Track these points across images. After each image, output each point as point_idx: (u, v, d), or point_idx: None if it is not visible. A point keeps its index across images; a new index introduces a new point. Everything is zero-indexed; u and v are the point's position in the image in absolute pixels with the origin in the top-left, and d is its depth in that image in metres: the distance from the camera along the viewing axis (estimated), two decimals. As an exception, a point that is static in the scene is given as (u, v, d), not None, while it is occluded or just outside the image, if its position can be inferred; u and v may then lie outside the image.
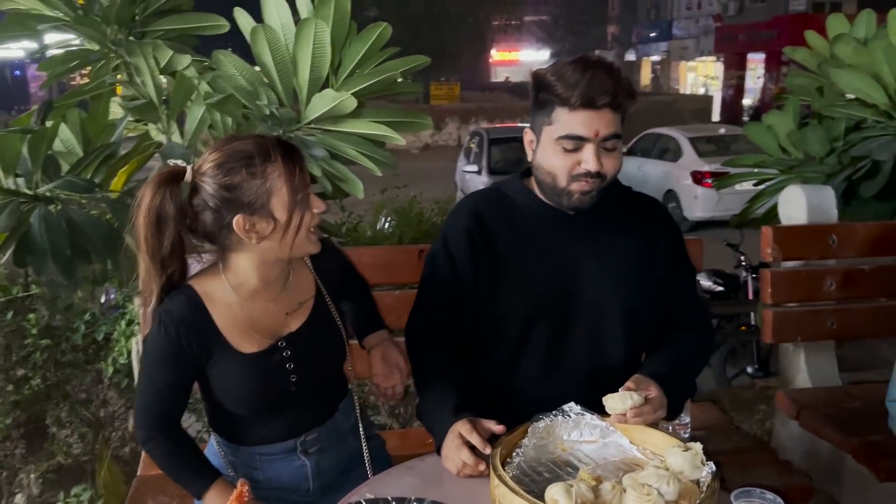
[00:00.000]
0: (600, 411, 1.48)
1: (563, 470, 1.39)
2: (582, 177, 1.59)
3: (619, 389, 1.47)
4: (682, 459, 1.31)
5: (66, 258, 1.97)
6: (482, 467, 1.42)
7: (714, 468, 1.29)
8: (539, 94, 1.60)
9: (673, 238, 1.77)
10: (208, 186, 1.41)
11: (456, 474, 1.46)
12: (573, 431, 1.49)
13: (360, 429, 1.70)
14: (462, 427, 1.47)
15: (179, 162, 1.46)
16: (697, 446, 1.34)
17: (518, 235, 1.68)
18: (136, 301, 2.37)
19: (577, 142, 1.56)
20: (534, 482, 1.34)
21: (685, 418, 2.05)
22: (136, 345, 2.27)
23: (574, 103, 1.53)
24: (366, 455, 1.68)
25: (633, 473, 1.28)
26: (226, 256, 1.50)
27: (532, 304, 1.66)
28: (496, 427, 1.46)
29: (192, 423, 2.48)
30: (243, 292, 1.51)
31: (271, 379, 1.53)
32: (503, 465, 1.33)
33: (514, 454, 1.40)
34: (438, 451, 1.53)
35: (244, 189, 1.40)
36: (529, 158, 1.69)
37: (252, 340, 1.52)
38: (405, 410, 2.94)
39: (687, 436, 2.04)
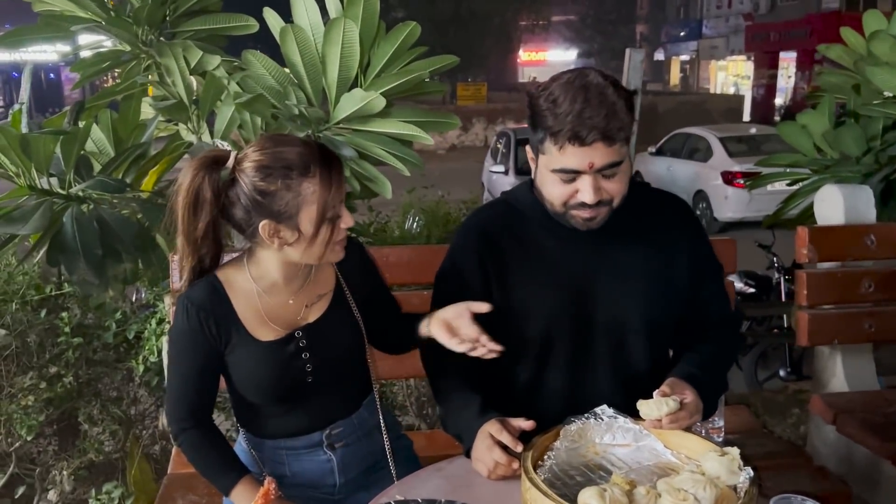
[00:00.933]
0: (632, 416, 1.45)
1: (595, 474, 1.37)
2: (580, 207, 1.52)
3: (654, 394, 1.43)
4: (719, 464, 1.28)
5: (96, 257, 1.99)
6: (515, 465, 1.40)
7: (752, 473, 1.26)
8: (533, 118, 1.53)
9: (696, 237, 1.70)
10: (244, 184, 1.44)
11: (487, 476, 1.44)
12: (606, 435, 1.46)
13: (383, 426, 1.69)
14: (491, 427, 1.45)
15: (224, 144, 1.50)
16: (734, 451, 1.31)
17: (528, 253, 1.63)
18: (167, 300, 2.39)
19: (572, 174, 1.49)
20: (566, 486, 1.31)
21: (718, 422, 2.01)
22: (166, 344, 2.29)
23: (561, 140, 1.45)
24: (388, 453, 1.68)
25: (667, 478, 1.26)
26: (252, 248, 1.54)
27: (547, 324, 1.61)
28: (525, 424, 1.44)
29: (220, 421, 2.49)
30: (264, 284, 1.55)
31: (286, 367, 1.55)
32: (535, 468, 1.31)
33: (545, 457, 1.38)
34: (468, 454, 1.51)
35: (276, 197, 1.43)
36: (533, 175, 1.63)
37: (269, 329, 1.54)
38: (433, 410, 2.93)
39: (720, 440, 2.01)
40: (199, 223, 1.46)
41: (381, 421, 1.70)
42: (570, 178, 1.50)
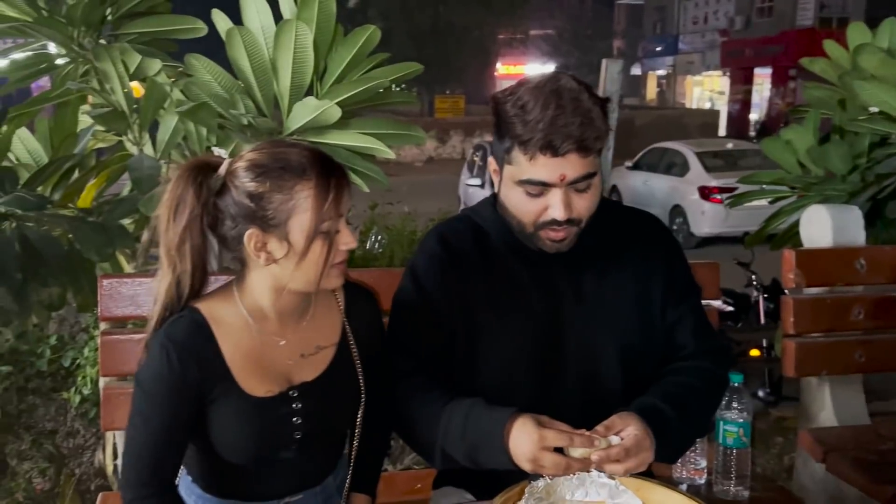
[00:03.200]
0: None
1: (565, 539, 1.19)
2: (549, 225, 1.37)
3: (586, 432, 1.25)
4: (706, 532, 1.11)
5: (15, 282, 1.79)
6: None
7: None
8: (498, 125, 1.37)
9: (670, 256, 1.54)
10: (235, 189, 1.26)
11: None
12: (577, 490, 1.29)
13: (347, 482, 1.50)
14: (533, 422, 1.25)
15: (222, 153, 1.31)
16: (723, 516, 1.14)
17: (492, 274, 1.46)
18: (102, 327, 2.18)
19: (541, 187, 1.34)
20: (531, 557, 1.14)
21: (701, 462, 1.85)
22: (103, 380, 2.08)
23: (532, 150, 1.30)
24: None
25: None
26: (242, 273, 1.34)
27: (511, 354, 1.44)
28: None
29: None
30: (257, 318, 1.34)
31: (274, 430, 1.34)
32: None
33: (508, 519, 1.21)
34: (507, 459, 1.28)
35: (265, 200, 1.24)
36: (496, 189, 1.47)
37: (260, 381, 1.33)
38: (395, 443, 2.74)
39: (703, 481, 1.85)
40: (178, 229, 1.27)
41: (348, 481, 1.50)
42: (538, 192, 1.35)
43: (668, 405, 1.36)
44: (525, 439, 1.23)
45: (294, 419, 1.35)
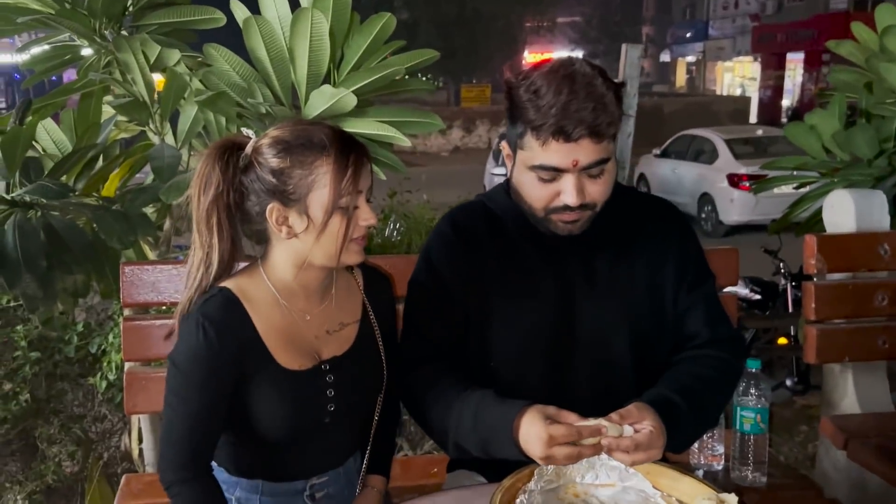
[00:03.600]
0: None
1: (573, 521, 1.20)
2: (562, 210, 1.37)
3: (600, 421, 1.23)
4: (714, 515, 1.11)
5: (41, 269, 1.83)
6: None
7: (751, 526, 1.09)
8: (511, 110, 1.38)
9: (684, 242, 1.53)
10: (259, 165, 1.31)
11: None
12: (587, 473, 1.30)
13: (364, 468, 1.52)
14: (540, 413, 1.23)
15: (249, 132, 1.36)
16: (732, 498, 1.14)
17: (505, 259, 1.47)
18: (126, 313, 2.22)
19: (553, 172, 1.34)
20: (538, 538, 1.15)
21: (718, 448, 1.85)
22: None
23: (544, 135, 1.30)
24: (357, 490, 1.51)
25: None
26: (267, 250, 1.38)
27: (522, 340, 1.44)
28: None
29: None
30: (284, 293, 1.37)
31: (310, 404, 1.37)
32: (503, 515, 1.15)
33: (517, 501, 1.21)
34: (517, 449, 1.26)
35: (287, 176, 1.29)
36: (508, 174, 1.47)
37: (292, 354, 1.36)
38: (416, 429, 2.76)
39: (721, 467, 1.84)
40: (205, 205, 1.32)
41: (365, 463, 1.52)
42: (550, 177, 1.35)
43: (682, 398, 1.35)
44: (534, 438, 1.21)
45: (328, 391, 1.38)
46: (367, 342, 1.45)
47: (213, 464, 1.44)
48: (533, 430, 1.21)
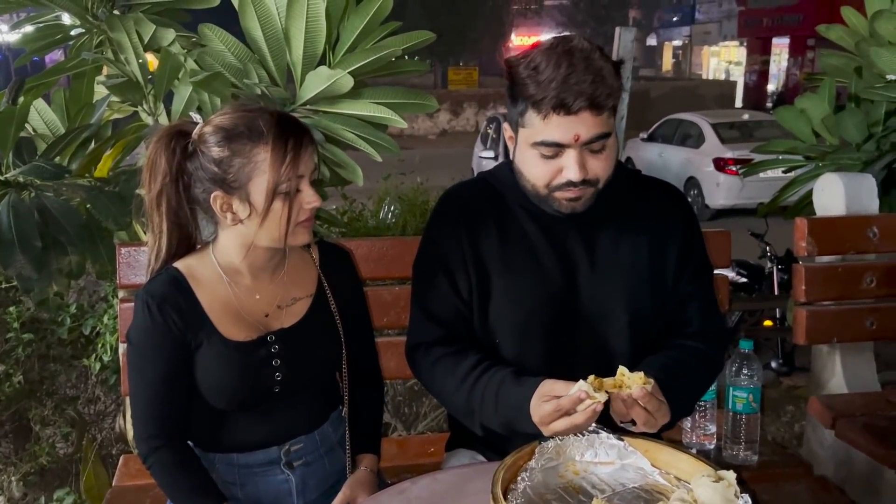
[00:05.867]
0: (614, 428, 1.31)
1: (574, 498, 1.22)
2: (565, 187, 1.38)
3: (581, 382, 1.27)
4: (713, 491, 1.13)
5: (35, 250, 1.82)
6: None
7: (750, 501, 1.11)
8: (511, 88, 1.39)
9: (688, 230, 1.55)
10: (203, 153, 1.34)
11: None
12: (587, 451, 1.31)
13: (347, 442, 1.54)
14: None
15: (196, 117, 1.38)
16: (731, 475, 1.16)
17: (508, 237, 1.48)
18: (120, 294, 2.22)
19: (555, 148, 1.35)
20: (541, 515, 1.16)
21: (710, 427, 1.88)
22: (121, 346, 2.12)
23: (545, 109, 1.32)
24: (349, 473, 1.52)
25: (654, 507, 1.11)
26: (217, 233, 1.42)
27: (524, 317, 1.46)
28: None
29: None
30: (228, 272, 1.42)
31: (254, 372, 1.41)
32: (506, 493, 1.16)
33: (518, 479, 1.23)
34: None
35: (227, 164, 1.32)
36: (511, 156, 1.48)
37: (238, 327, 1.41)
38: (410, 410, 2.78)
39: (712, 447, 1.87)
40: (154, 192, 1.37)
41: (347, 436, 1.55)
42: (553, 153, 1.36)
43: (671, 380, 1.37)
44: (536, 419, 1.29)
45: (274, 362, 1.43)
46: (321, 314, 1.50)
47: (190, 443, 1.49)
48: (534, 413, 1.29)
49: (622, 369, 1.28)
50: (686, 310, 1.53)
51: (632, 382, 1.26)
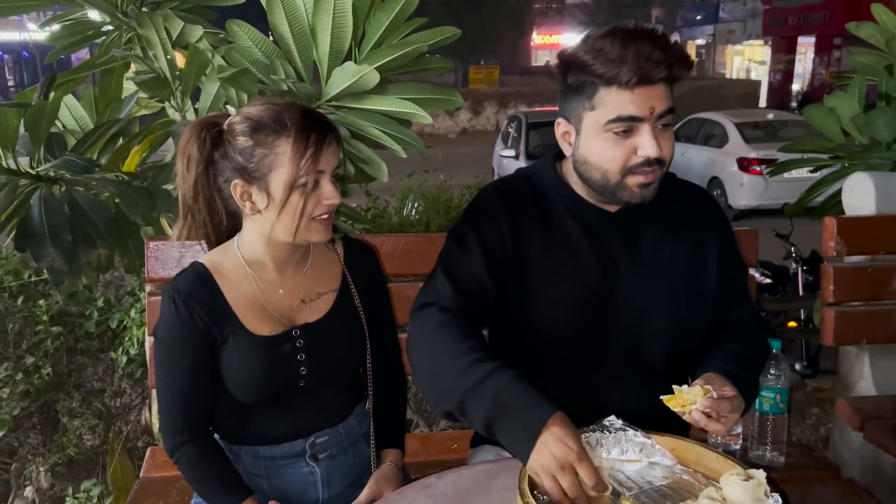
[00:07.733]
0: (643, 428, 1.30)
1: (601, 495, 1.21)
2: (640, 167, 1.36)
3: (687, 385, 1.27)
4: (742, 490, 1.12)
5: (66, 243, 1.84)
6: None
7: (780, 501, 1.10)
8: (573, 78, 1.38)
9: (724, 233, 1.56)
10: (230, 143, 1.37)
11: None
12: (614, 448, 1.31)
13: (371, 437, 1.55)
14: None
15: (231, 109, 1.41)
16: (760, 475, 1.15)
17: (549, 235, 1.47)
18: (147, 288, 2.24)
19: (630, 123, 1.34)
20: (567, 511, 1.16)
21: (737, 428, 1.85)
22: (148, 339, 2.15)
23: (626, 81, 1.30)
24: (374, 466, 1.53)
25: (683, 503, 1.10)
26: (243, 224, 1.45)
27: (562, 314, 1.45)
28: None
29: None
30: (254, 267, 1.44)
31: (279, 367, 1.42)
32: (532, 489, 1.16)
33: (544, 476, 1.22)
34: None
35: (250, 154, 1.35)
36: (567, 153, 1.47)
37: (263, 321, 1.42)
38: (432, 407, 2.78)
39: (738, 447, 1.85)
40: (190, 181, 1.41)
41: (372, 430, 1.55)
42: (627, 129, 1.34)
43: (744, 373, 1.39)
44: (560, 451, 1.14)
45: (298, 356, 1.44)
46: (346, 309, 1.51)
47: (216, 436, 1.51)
48: (562, 444, 1.14)
49: (677, 389, 1.27)
50: (732, 310, 1.55)
51: (694, 397, 1.25)
